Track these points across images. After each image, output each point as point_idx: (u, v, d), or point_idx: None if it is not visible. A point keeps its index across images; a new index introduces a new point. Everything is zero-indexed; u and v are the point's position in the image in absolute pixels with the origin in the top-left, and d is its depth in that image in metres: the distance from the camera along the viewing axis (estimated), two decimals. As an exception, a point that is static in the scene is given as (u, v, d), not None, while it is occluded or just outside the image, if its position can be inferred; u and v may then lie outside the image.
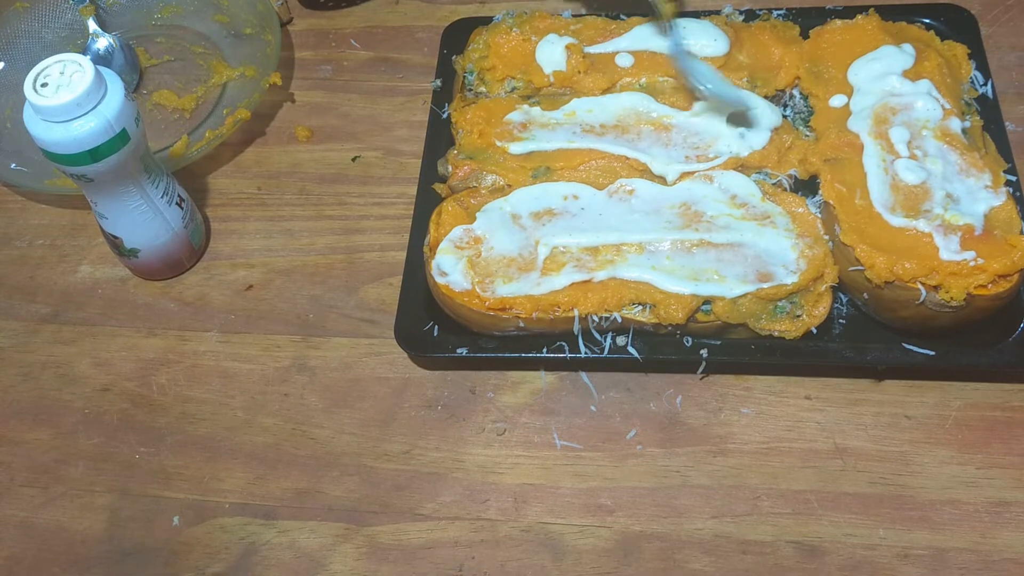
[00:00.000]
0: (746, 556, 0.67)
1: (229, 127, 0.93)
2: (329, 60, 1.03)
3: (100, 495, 0.75)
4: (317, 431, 0.76)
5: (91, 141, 0.72)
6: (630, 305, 0.72)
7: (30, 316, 0.86)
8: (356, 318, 0.82)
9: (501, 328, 0.74)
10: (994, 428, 0.71)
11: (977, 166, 0.74)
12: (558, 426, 0.74)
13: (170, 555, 0.71)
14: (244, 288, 0.86)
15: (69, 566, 0.72)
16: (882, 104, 0.78)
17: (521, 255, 0.75)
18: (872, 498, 0.68)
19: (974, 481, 0.69)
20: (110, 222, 0.81)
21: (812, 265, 0.72)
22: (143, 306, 0.86)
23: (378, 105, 0.98)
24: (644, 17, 0.89)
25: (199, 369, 0.81)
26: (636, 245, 0.74)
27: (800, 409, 0.73)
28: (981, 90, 0.83)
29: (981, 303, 0.68)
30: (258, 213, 0.91)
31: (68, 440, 0.78)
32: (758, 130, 0.80)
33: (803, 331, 0.71)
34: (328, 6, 1.07)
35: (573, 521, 0.70)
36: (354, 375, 0.79)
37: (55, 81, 0.71)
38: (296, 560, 0.70)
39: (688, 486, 0.70)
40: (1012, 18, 0.95)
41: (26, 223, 0.93)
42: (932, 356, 0.70)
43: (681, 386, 0.75)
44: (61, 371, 0.82)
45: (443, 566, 0.69)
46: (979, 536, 0.66)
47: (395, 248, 0.86)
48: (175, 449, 0.76)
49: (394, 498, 0.72)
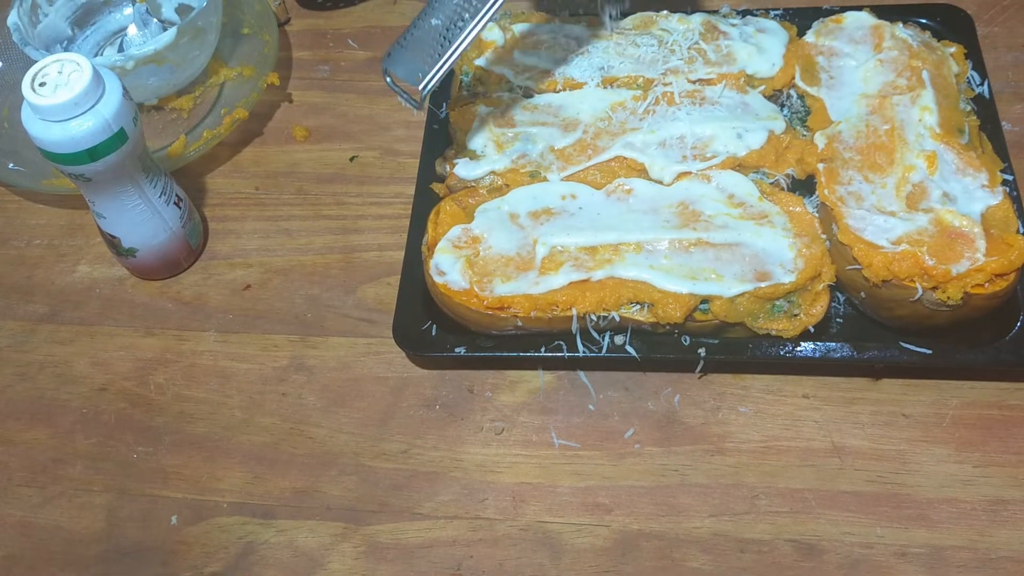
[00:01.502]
0: (744, 555, 0.67)
1: (227, 127, 0.93)
2: (327, 60, 1.03)
3: (98, 495, 0.75)
4: (315, 430, 0.76)
5: (89, 140, 0.72)
6: (628, 304, 0.72)
7: (28, 316, 0.86)
8: (354, 318, 0.82)
9: (499, 327, 0.74)
10: (991, 427, 0.71)
11: (974, 165, 0.75)
12: (556, 425, 0.74)
13: (168, 554, 0.71)
14: (242, 288, 0.86)
15: (67, 566, 0.72)
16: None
17: (519, 254, 0.75)
18: (869, 496, 0.69)
19: (971, 479, 0.69)
20: (108, 222, 0.81)
21: (809, 264, 0.72)
22: (141, 306, 0.86)
23: (376, 105, 0.98)
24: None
25: (197, 369, 0.81)
26: (634, 244, 0.74)
27: (798, 408, 0.73)
28: (978, 90, 0.83)
29: (978, 302, 0.69)
30: (256, 213, 0.91)
31: (66, 440, 0.78)
32: (755, 130, 0.80)
33: (800, 330, 0.71)
34: (326, 6, 1.07)
35: (571, 520, 0.70)
36: (352, 374, 0.79)
37: (53, 80, 0.71)
38: (294, 559, 0.70)
39: (686, 485, 0.70)
40: (1008, 18, 0.95)
41: (24, 223, 0.93)
42: (929, 355, 0.70)
43: (679, 385, 0.75)
44: (59, 371, 0.82)
45: (441, 565, 0.69)
46: (976, 534, 0.66)
47: (393, 248, 0.86)
48: (173, 449, 0.76)
49: (392, 497, 0.72)
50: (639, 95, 0.84)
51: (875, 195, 0.74)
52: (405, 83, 0.75)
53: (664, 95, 0.83)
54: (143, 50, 0.89)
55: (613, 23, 0.89)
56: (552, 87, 0.87)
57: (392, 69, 0.76)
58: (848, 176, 0.75)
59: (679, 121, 0.81)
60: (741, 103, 0.83)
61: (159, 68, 0.91)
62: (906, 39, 0.83)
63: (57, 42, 0.99)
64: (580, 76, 0.86)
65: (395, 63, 0.76)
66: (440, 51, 0.73)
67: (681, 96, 0.83)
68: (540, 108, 0.85)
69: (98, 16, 1.03)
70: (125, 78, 0.80)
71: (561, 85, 0.86)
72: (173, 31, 0.89)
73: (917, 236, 0.70)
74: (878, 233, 0.71)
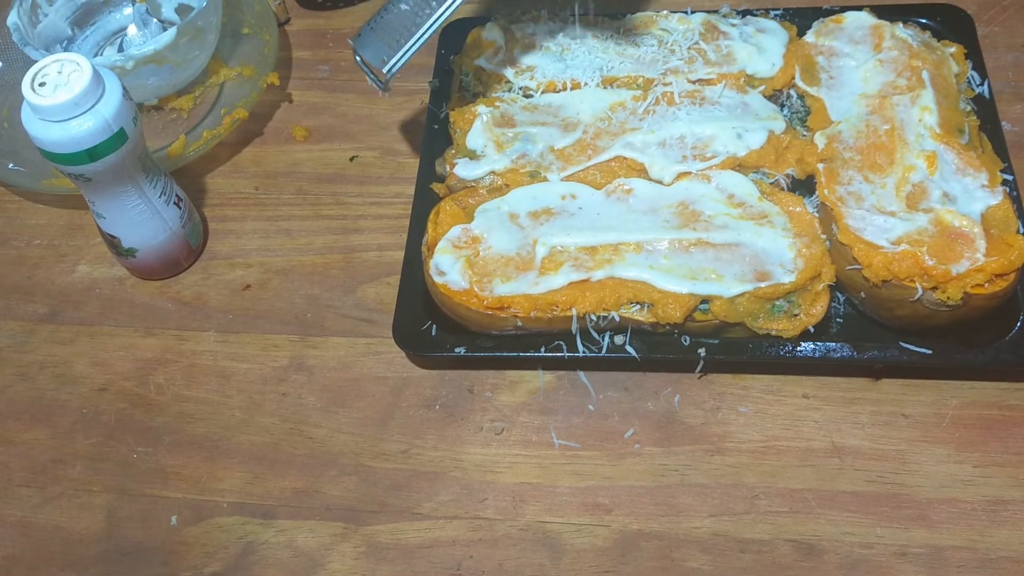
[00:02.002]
0: (744, 555, 0.67)
1: (227, 127, 0.93)
2: (327, 60, 1.03)
3: (98, 495, 0.75)
4: (315, 430, 0.76)
5: (89, 140, 0.72)
6: (628, 304, 0.72)
7: (28, 316, 0.86)
8: (354, 318, 0.82)
9: (499, 327, 0.74)
10: (991, 427, 0.71)
11: (974, 165, 0.74)
12: (556, 425, 0.74)
13: (168, 555, 0.71)
14: (242, 288, 0.86)
15: (67, 566, 0.72)
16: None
17: (519, 254, 0.75)
18: (869, 497, 0.69)
19: (971, 479, 0.69)
20: (108, 222, 0.81)
21: (809, 264, 0.72)
22: (141, 306, 0.86)
23: (376, 105, 0.98)
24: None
25: (197, 369, 0.81)
26: (634, 244, 0.74)
27: (797, 408, 0.73)
28: (978, 90, 0.83)
29: (978, 302, 0.69)
30: (256, 213, 0.91)
31: (66, 440, 0.78)
32: (755, 130, 0.80)
33: (800, 330, 0.71)
34: (326, 6, 1.07)
35: (571, 520, 0.70)
36: (352, 375, 0.79)
37: (53, 80, 0.71)
38: (294, 559, 0.70)
39: (686, 485, 0.70)
40: (1008, 18, 0.95)
41: (24, 223, 0.93)
42: (929, 355, 0.70)
43: (679, 385, 0.75)
44: (59, 371, 0.82)
45: (441, 565, 0.69)
46: (976, 534, 0.66)
47: (393, 248, 0.86)
48: (173, 449, 0.76)
49: (392, 497, 0.72)
50: (639, 95, 0.84)
51: (875, 195, 0.74)
52: (373, 64, 0.77)
53: (664, 95, 0.83)
54: (143, 50, 0.89)
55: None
56: (552, 87, 0.87)
57: (360, 51, 0.79)
58: (848, 176, 0.75)
59: (679, 121, 0.81)
60: (741, 103, 0.83)
61: (159, 68, 0.91)
62: (906, 39, 0.83)
63: (57, 42, 0.99)
64: (580, 76, 0.86)
65: (363, 45, 0.78)
66: (406, 36, 0.75)
67: (681, 96, 0.83)
68: (540, 108, 0.85)
69: (98, 16, 1.03)
70: (125, 78, 0.80)
71: (561, 85, 0.86)
72: (173, 31, 0.89)
73: (917, 236, 0.70)
74: (878, 233, 0.71)
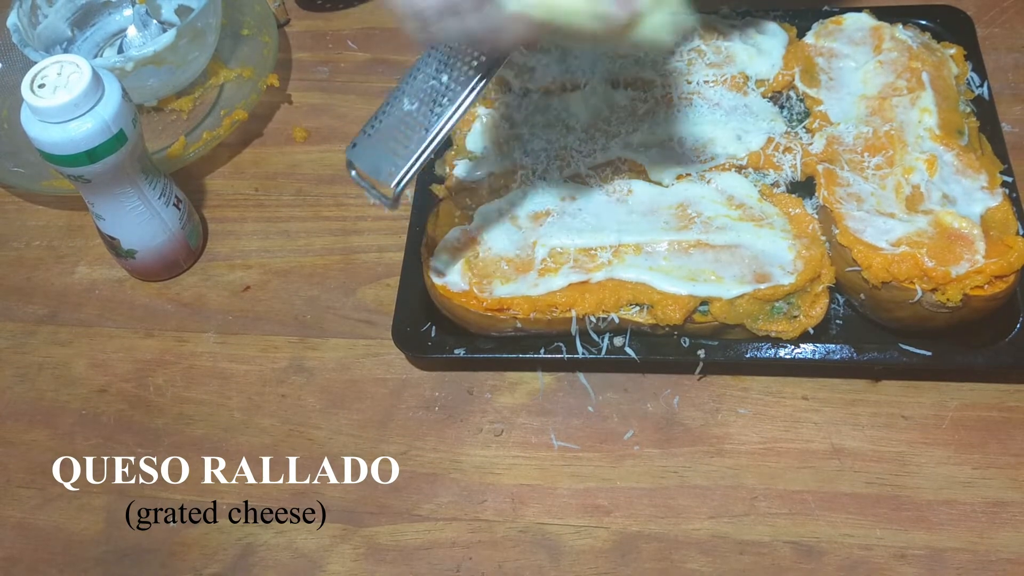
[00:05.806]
0: (743, 556, 0.67)
1: (226, 128, 0.93)
2: (326, 61, 1.03)
3: (97, 496, 0.75)
4: (314, 432, 0.76)
5: (88, 142, 0.72)
6: (627, 306, 0.72)
7: (27, 317, 0.86)
8: (353, 319, 0.82)
9: (499, 329, 0.74)
10: (991, 428, 0.71)
11: (973, 167, 0.74)
12: (555, 427, 0.74)
13: (167, 556, 0.71)
14: (241, 289, 0.86)
15: (66, 567, 0.72)
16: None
17: (519, 256, 0.75)
18: (869, 498, 0.69)
19: (971, 481, 0.69)
20: (107, 223, 0.81)
21: (809, 266, 0.72)
22: (140, 307, 0.86)
23: (375, 106, 0.97)
24: None
25: (196, 370, 0.81)
26: (634, 246, 0.74)
27: (797, 410, 0.73)
28: (977, 91, 0.83)
29: (977, 304, 0.69)
30: (255, 214, 0.91)
31: (65, 441, 0.78)
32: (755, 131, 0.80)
33: (800, 332, 0.71)
34: (325, 7, 1.07)
35: (570, 522, 0.70)
36: (351, 376, 0.79)
37: (52, 82, 0.71)
38: (293, 561, 0.70)
39: (685, 486, 0.70)
40: (1008, 20, 0.95)
41: (23, 224, 0.93)
42: (929, 357, 0.70)
43: (678, 387, 0.75)
44: (58, 372, 0.82)
45: (440, 567, 0.69)
46: (976, 536, 0.66)
47: (392, 249, 0.86)
48: (172, 450, 0.76)
49: (391, 499, 0.72)
50: (639, 96, 0.84)
51: (875, 197, 0.74)
52: (374, 178, 0.66)
53: (664, 96, 0.83)
54: (143, 51, 0.89)
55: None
56: (552, 88, 0.87)
57: (357, 163, 0.66)
58: (847, 178, 0.75)
59: (679, 122, 0.81)
60: (741, 104, 0.83)
61: (159, 69, 0.91)
62: (906, 40, 0.83)
63: (57, 43, 0.99)
64: (580, 77, 0.86)
65: (360, 156, 0.66)
66: (416, 142, 0.63)
67: (680, 97, 0.83)
68: (540, 109, 0.85)
69: (98, 17, 1.03)
70: (125, 79, 0.80)
71: (561, 86, 0.86)
72: (172, 32, 0.89)
73: (917, 238, 0.70)
74: (878, 235, 0.71)
